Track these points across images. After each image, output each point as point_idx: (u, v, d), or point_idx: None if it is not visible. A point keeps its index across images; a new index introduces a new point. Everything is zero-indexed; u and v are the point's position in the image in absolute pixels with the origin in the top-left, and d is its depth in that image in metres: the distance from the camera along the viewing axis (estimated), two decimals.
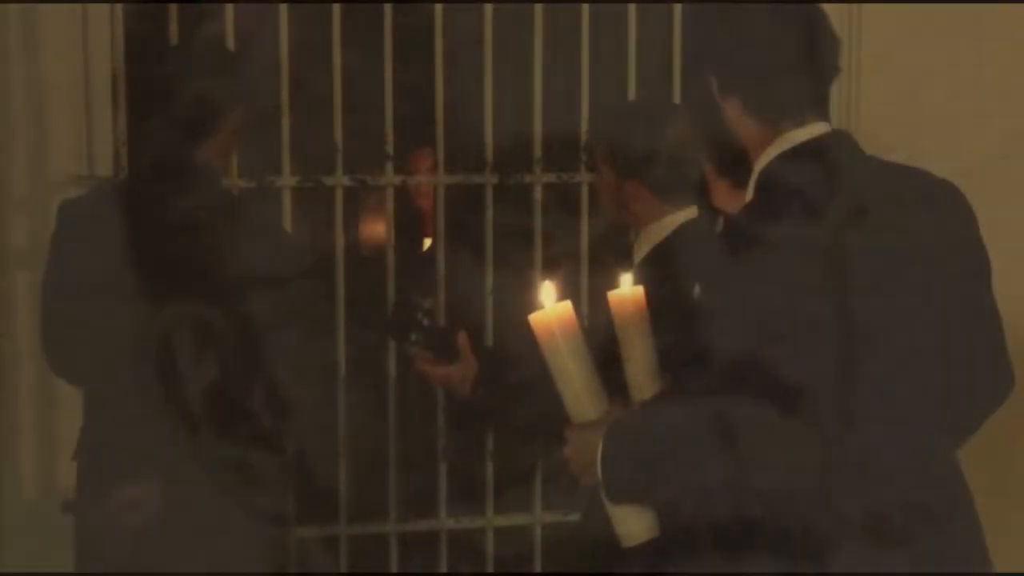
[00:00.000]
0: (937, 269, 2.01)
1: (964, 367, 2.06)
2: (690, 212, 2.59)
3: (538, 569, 3.48)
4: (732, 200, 2.35)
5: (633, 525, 2.09)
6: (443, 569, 3.46)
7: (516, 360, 2.59)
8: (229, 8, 3.18)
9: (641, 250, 2.63)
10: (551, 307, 2.07)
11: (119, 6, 3.18)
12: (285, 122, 3.25)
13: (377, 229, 4.03)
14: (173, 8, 3.17)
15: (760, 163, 2.03)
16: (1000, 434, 3.52)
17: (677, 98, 3.45)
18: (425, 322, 2.45)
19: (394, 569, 3.42)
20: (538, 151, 3.39)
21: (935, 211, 2.05)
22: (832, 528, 1.91)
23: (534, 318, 2.08)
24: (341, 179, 3.33)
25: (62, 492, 3.16)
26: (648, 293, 2.23)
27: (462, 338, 2.54)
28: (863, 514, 1.93)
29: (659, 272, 2.46)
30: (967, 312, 2.06)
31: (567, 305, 2.08)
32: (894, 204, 2.01)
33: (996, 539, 3.79)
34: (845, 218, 1.95)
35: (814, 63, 2.01)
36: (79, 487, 2.83)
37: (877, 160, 2.07)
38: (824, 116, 2.05)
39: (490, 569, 3.48)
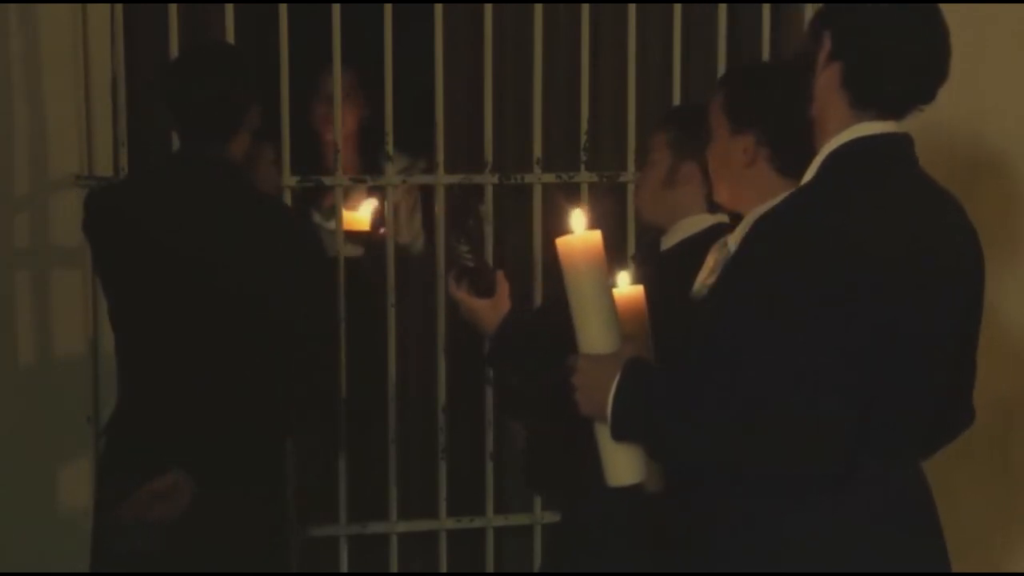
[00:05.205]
0: (948, 298, 2.01)
1: (945, 397, 2.06)
2: (723, 217, 2.60)
3: (538, 569, 3.48)
4: (735, 197, 2.36)
5: (624, 466, 2.06)
6: (443, 569, 3.46)
7: (543, 323, 2.61)
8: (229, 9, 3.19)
9: (671, 240, 2.63)
10: (580, 233, 2.03)
11: (119, 6, 3.19)
12: (285, 122, 3.25)
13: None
14: (173, 8, 3.18)
15: (834, 142, 2.01)
16: (1000, 438, 3.54)
17: (677, 98, 3.46)
18: (471, 223, 2.47)
19: (394, 569, 3.42)
20: (538, 151, 3.39)
21: (960, 246, 2.05)
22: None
23: (560, 242, 2.03)
24: (341, 179, 3.34)
25: (59, 487, 3.18)
26: (663, 281, 2.21)
27: (501, 277, 2.54)
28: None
29: (680, 262, 2.46)
30: (959, 347, 2.06)
31: (596, 234, 2.03)
32: (929, 223, 2.00)
33: (996, 539, 3.79)
34: (886, 219, 1.94)
35: (923, 65, 2.02)
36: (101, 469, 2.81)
37: (926, 174, 2.07)
38: (899, 117, 2.04)
39: (490, 569, 3.49)
